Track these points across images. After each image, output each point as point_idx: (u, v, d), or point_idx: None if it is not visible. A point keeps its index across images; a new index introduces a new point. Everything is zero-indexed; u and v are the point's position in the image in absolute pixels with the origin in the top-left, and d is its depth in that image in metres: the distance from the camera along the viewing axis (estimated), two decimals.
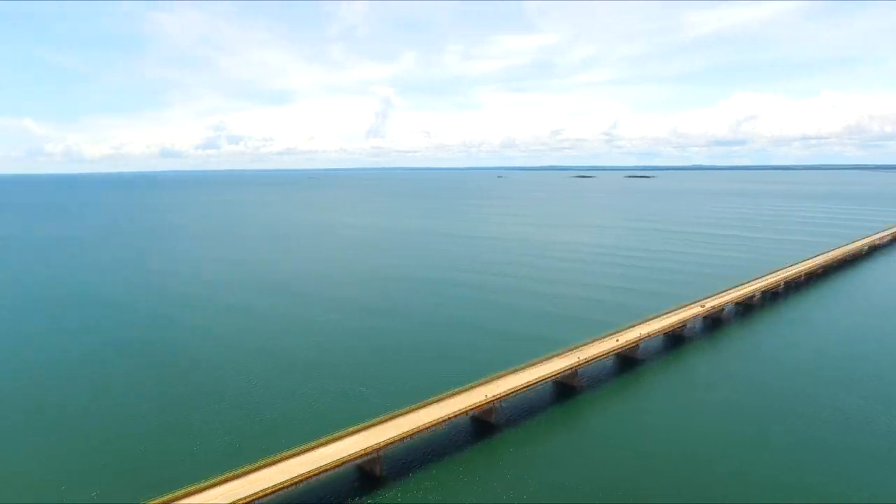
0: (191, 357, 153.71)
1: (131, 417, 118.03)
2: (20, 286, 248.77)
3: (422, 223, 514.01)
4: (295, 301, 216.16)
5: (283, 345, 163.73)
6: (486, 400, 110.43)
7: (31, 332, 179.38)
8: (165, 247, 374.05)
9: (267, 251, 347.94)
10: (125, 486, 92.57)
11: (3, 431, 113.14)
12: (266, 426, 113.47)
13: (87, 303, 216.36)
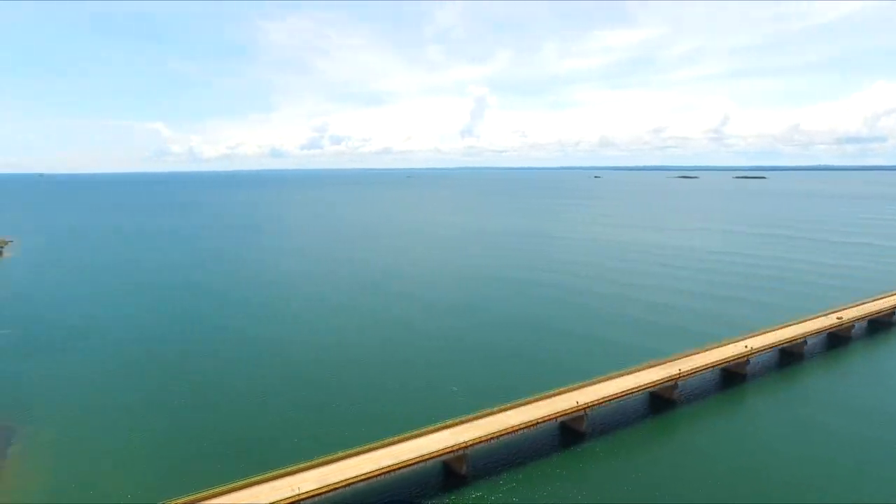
0: (287, 348, 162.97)
1: (233, 400, 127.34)
2: (141, 273, 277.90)
3: (514, 223, 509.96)
4: (388, 298, 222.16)
5: (375, 340, 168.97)
6: (577, 407, 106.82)
7: (135, 315, 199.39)
8: (268, 242, 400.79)
9: (362, 249, 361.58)
10: (224, 465, 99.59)
11: (112, 407, 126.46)
12: (358, 417, 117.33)
13: (191, 291, 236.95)
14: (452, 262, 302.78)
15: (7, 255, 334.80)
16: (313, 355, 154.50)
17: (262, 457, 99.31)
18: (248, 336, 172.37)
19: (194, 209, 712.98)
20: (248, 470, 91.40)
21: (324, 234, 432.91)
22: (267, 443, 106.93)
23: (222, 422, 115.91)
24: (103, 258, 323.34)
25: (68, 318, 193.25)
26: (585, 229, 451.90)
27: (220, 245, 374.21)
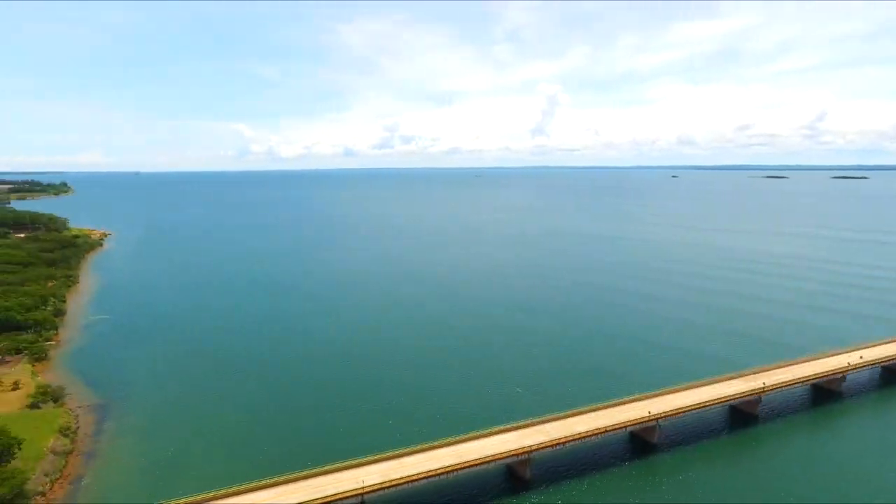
0: (359, 344, 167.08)
1: (306, 393, 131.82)
2: (225, 265, 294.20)
3: (585, 224, 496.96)
4: (454, 297, 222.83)
5: (442, 339, 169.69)
6: (649, 417, 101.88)
7: (218, 305, 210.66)
8: (343, 239, 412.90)
9: (432, 247, 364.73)
10: (293, 455, 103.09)
11: (193, 391, 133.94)
12: (423, 415, 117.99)
13: (272, 285, 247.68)
14: (522, 262, 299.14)
15: (107, 246, 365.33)
16: (383, 352, 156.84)
17: (328, 449, 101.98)
18: (322, 331, 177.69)
19: (275, 206, 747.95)
20: (314, 460, 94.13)
21: (394, 232, 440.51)
22: (334, 435, 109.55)
23: (294, 413, 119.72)
24: (190, 250, 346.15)
25: (158, 306, 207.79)
26: (661, 231, 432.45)
27: (299, 240, 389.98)
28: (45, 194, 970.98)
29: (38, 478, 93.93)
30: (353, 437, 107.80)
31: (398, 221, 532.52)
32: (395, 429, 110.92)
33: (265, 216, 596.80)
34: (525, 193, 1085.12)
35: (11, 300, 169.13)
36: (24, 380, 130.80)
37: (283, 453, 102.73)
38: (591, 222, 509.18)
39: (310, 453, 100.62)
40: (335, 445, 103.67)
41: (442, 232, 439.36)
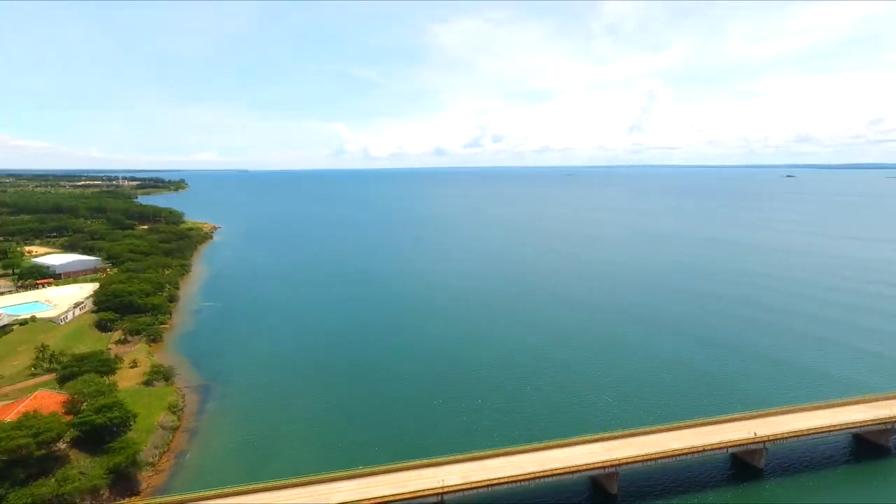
0: (448, 343, 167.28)
1: (394, 388, 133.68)
2: (320, 258, 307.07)
3: (686, 226, 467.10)
4: (545, 299, 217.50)
5: (531, 341, 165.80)
6: (754, 439, 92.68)
7: (315, 297, 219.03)
8: (435, 237, 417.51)
9: (520, 246, 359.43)
10: (378, 448, 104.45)
11: (289, 378, 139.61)
12: (506, 418, 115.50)
13: (367, 279, 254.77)
14: (621, 264, 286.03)
15: (216, 238, 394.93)
16: (475, 351, 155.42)
17: (412, 445, 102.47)
18: (415, 326, 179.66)
19: (370, 202, 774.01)
20: (397, 455, 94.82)
21: (483, 231, 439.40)
22: (418, 432, 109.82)
23: (381, 407, 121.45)
24: (290, 243, 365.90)
25: (259, 295, 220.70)
26: (775, 237, 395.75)
27: (394, 236, 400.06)
28: (166, 190, 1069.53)
29: (149, 450, 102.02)
30: (437, 435, 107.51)
31: (488, 219, 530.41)
32: (478, 430, 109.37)
33: (361, 212, 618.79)
34: (621, 193, 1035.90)
35: (134, 286, 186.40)
36: (141, 359, 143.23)
37: (367, 445, 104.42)
38: (695, 224, 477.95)
39: (393, 448, 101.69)
40: (418, 442, 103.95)
41: (533, 231, 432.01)
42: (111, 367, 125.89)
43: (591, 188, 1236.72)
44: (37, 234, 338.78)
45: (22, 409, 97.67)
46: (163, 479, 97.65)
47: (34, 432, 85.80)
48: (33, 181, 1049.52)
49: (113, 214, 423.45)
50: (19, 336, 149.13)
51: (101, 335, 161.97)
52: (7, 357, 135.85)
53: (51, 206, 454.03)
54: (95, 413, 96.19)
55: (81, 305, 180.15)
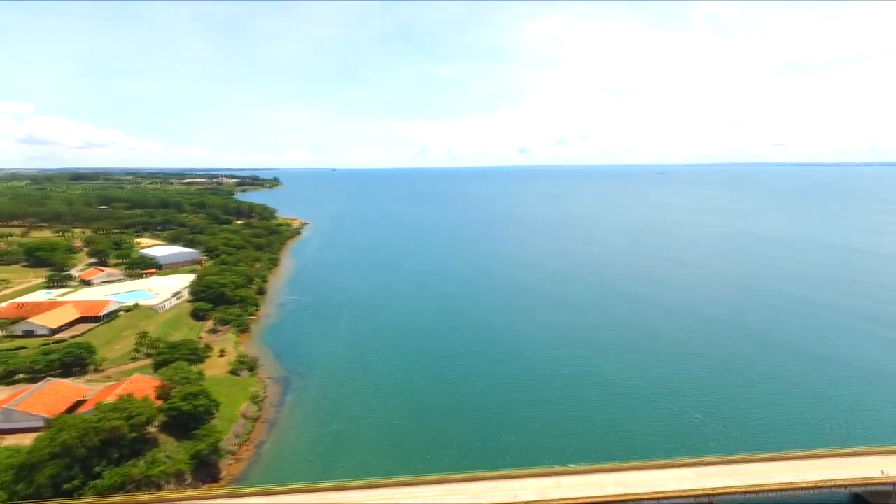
0: (534, 353, 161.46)
1: (473, 395, 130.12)
2: (405, 256, 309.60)
3: (803, 230, 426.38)
4: (636, 306, 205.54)
5: (621, 352, 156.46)
6: (883, 479, 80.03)
7: (400, 295, 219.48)
8: (520, 237, 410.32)
9: (611, 251, 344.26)
10: (452, 455, 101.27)
11: (367, 375, 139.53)
12: (588, 432, 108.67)
13: (452, 280, 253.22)
14: (724, 270, 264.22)
15: (304, 234, 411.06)
16: (557, 360, 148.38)
17: (487, 452, 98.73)
18: (499, 331, 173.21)
19: (454, 201, 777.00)
20: (471, 463, 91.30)
21: (567, 230, 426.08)
22: (493, 439, 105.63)
23: (457, 412, 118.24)
24: (374, 241, 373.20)
25: (343, 291, 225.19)
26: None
27: (479, 236, 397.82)
28: (262, 187, 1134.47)
29: (230, 438, 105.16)
30: (512, 444, 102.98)
31: (574, 219, 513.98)
32: (556, 443, 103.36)
33: (444, 210, 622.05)
34: (722, 193, 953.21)
35: (226, 278, 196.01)
36: (228, 348, 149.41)
37: (439, 450, 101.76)
38: (814, 229, 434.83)
39: (466, 455, 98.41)
40: (492, 451, 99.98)
41: (619, 231, 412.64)
42: (200, 355, 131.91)
43: (685, 187, 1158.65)
44: (146, 227, 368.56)
45: (120, 391, 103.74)
46: (241, 467, 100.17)
47: (127, 415, 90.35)
48: (147, 178, 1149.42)
49: (212, 210, 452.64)
50: (124, 322, 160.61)
51: (195, 324, 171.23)
52: (113, 341, 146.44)
53: (159, 202, 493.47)
54: (182, 400, 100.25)
55: (179, 295, 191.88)
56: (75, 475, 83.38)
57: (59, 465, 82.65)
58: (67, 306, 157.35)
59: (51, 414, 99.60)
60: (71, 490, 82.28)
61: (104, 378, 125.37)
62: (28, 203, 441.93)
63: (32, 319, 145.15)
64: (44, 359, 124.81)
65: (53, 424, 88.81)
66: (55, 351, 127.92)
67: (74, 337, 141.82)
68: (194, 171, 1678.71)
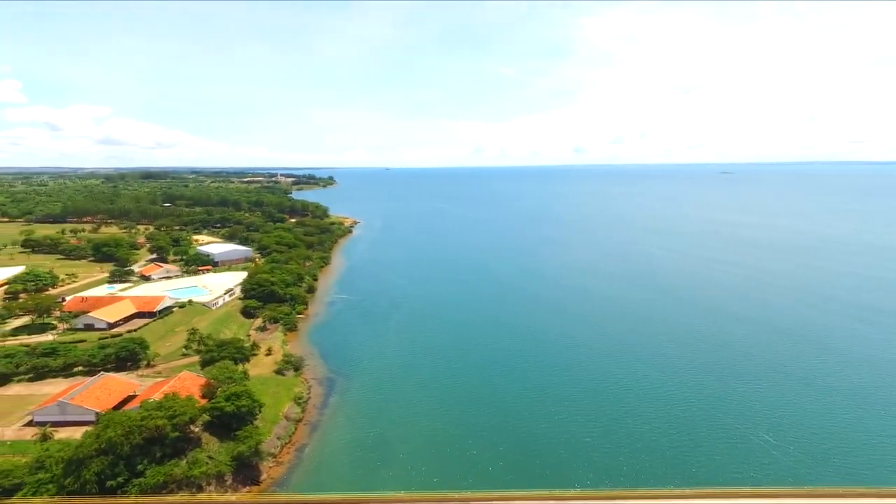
0: (589, 361, 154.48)
1: (530, 409, 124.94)
2: (459, 256, 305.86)
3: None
4: (720, 319, 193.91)
5: (690, 364, 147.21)
6: None
7: (451, 297, 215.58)
8: (584, 240, 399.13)
9: (672, 254, 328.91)
10: (498, 471, 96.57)
11: (413, 380, 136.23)
12: (650, 453, 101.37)
13: (515, 282, 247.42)
14: (803, 279, 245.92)
15: (356, 233, 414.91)
16: (615, 372, 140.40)
17: (535, 470, 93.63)
18: (554, 341, 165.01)
19: (508, 200, 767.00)
20: (517, 482, 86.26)
21: (624, 234, 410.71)
22: (539, 458, 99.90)
23: (504, 425, 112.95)
24: (425, 240, 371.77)
25: (391, 292, 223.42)
26: None
27: (534, 238, 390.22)
28: (317, 186, 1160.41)
29: (272, 440, 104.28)
30: (563, 462, 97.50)
31: (625, 220, 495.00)
32: (611, 461, 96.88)
33: (498, 210, 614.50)
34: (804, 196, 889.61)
35: (276, 276, 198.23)
36: (275, 347, 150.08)
37: (485, 465, 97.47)
38: None
39: (514, 472, 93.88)
40: (542, 466, 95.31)
41: (681, 233, 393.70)
42: (245, 355, 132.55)
43: (753, 188, 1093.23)
44: (205, 224, 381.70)
45: (167, 389, 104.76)
46: (282, 471, 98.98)
47: (171, 414, 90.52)
48: (210, 177, 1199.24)
49: (268, 208, 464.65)
50: (178, 318, 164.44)
51: (245, 321, 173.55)
52: (166, 337, 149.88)
53: (218, 200, 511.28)
54: (226, 400, 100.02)
55: (231, 292, 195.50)
56: (119, 472, 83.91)
57: (105, 462, 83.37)
58: (125, 301, 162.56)
59: (102, 408, 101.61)
60: (115, 487, 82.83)
61: (155, 373, 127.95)
62: (100, 200, 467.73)
63: (93, 313, 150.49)
64: (100, 353, 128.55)
65: (101, 420, 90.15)
66: (111, 345, 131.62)
67: (130, 332, 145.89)
68: (254, 170, 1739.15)
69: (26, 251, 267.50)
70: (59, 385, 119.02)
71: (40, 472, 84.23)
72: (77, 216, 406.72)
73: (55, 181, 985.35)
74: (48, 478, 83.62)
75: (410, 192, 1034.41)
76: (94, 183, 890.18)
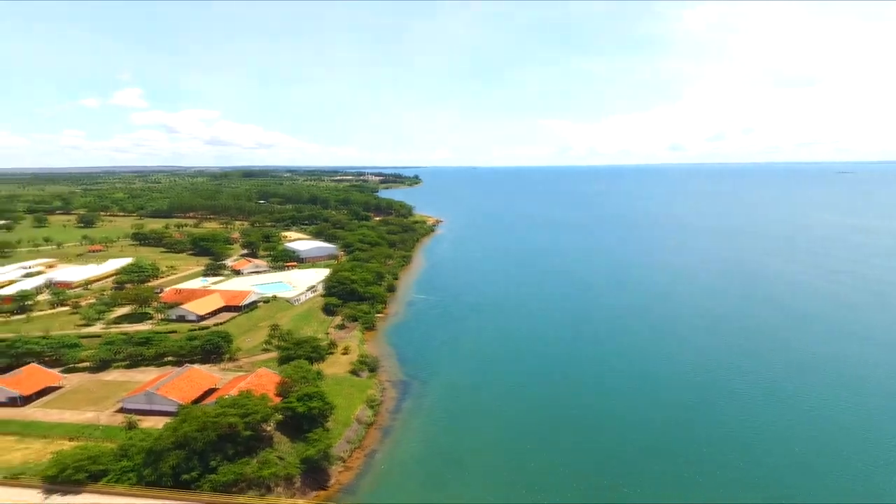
0: (687, 375, 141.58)
1: (612, 419, 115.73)
2: (543, 259, 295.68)
3: None
4: (831, 335, 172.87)
5: (801, 384, 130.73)
6: None
7: (530, 301, 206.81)
8: (687, 246, 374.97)
9: (780, 262, 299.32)
10: (576, 484, 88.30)
11: (494, 385, 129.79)
12: (752, 472, 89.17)
13: (592, 287, 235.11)
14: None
15: (439, 232, 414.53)
16: (715, 395, 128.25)
17: (618, 494, 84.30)
18: (648, 351, 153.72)
19: (599, 201, 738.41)
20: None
21: (723, 239, 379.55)
22: (628, 481, 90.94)
23: (589, 444, 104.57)
24: (508, 241, 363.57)
25: (472, 293, 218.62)
26: None
27: (623, 239, 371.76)
28: (403, 185, 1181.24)
29: (342, 444, 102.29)
30: (653, 485, 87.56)
31: (738, 225, 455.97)
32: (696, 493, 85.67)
33: (585, 211, 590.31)
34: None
35: (357, 274, 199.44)
36: (352, 346, 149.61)
37: (563, 485, 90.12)
38: None
39: (596, 492, 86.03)
40: (626, 487, 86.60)
41: (788, 238, 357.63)
42: (321, 354, 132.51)
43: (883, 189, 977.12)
44: (294, 221, 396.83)
45: (244, 385, 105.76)
46: (351, 476, 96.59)
47: (244, 412, 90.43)
48: (303, 176, 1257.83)
49: (354, 206, 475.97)
50: (262, 313, 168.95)
51: (325, 318, 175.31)
52: (249, 331, 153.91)
53: (309, 198, 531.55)
54: (298, 401, 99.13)
55: (314, 289, 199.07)
56: (193, 467, 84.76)
57: (180, 456, 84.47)
58: (215, 295, 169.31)
59: (184, 400, 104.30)
60: (189, 481, 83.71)
61: (236, 367, 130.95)
62: (202, 197, 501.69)
63: (185, 305, 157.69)
64: (188, 344, 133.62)
65: (180, 413, 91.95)
66: (198, 337, 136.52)
67: (217, 325, 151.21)
68: (345, 169, 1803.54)
69: (136, 244, 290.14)
70: (150, 373, 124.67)
71: (124, 461, 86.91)
72: (182, 212, 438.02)
73: (168, 179, 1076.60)
74: (130, 466, 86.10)
75: (495, 191, 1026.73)
76: (200, 181, 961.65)
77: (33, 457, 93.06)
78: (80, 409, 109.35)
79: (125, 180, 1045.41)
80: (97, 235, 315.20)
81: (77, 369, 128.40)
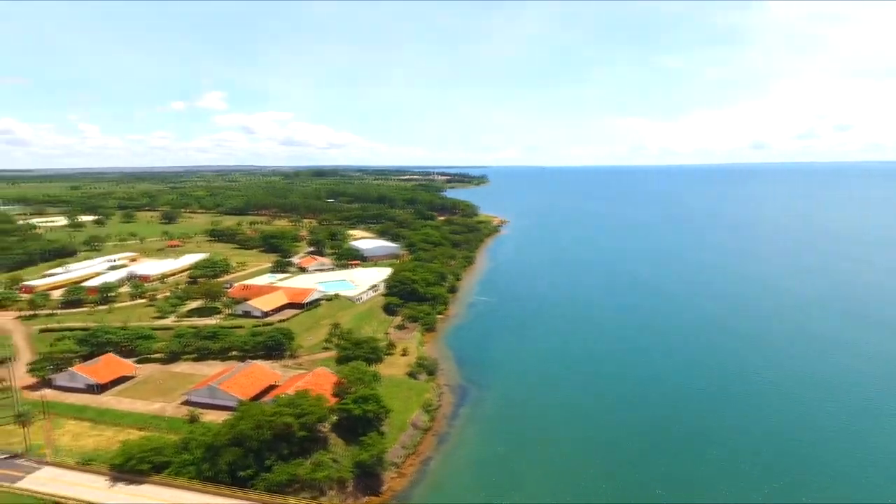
0: (758, 382, 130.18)
1: (671, 424, 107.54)
2: (611, 262, 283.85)
3: None
4: None
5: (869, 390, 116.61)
6: None
7: (597, 304, 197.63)
8: (767, 250, 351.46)
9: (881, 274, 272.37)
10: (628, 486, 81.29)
11: (553, 392, 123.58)
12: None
13: (660, 292, 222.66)
14: None
15: (503, 232, 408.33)
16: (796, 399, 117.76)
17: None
18: (713, 363, 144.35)
19: (675, 202, 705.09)
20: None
21: (836, 247, 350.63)
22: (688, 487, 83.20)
23: (657, 458, 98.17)
24: (576, 244, 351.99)
25: (535, 296, 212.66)
26: None
27: (698, 244, 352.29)
28: (470, 185, 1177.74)
29: (396, 449, 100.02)
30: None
31: (836, 232, 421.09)
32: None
33: (658, 212, 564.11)
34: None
35: (418, 274, 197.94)
36: (411, 347, 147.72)
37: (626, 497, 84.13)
38: None
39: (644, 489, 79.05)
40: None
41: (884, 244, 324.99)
42: (379, 355, 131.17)
43: None
44: (361, 220, 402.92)
45: (302, 384, 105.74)
46: (404, 483, 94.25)
47: (299, 412, 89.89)
48: (372, 175, 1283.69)
49: (419, 206, 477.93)
50: (325, 310, 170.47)
51: (386, 318, 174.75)
52: (311, 329, 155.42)
53: (376, 197, 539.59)
54: (353, 403, 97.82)
55: (376, 288, 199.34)
56: (249, 464, 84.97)
57: (237, 453, 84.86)
58: (279, 292, 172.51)
59: (244, 396, 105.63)
60: (245, 479, 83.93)
61: (296, 364, 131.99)
62: (275, 195, 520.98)
63: (250, 301, 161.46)
64: (252, 340, 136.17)
65: (238, 410, 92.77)
66: (262, 334, 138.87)
67: (280, 321, 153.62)
68: (412, 169, 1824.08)
69: (211, 240, 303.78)
70: (215, 367, 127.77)
71: (184, 454, 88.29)
72: (256, 209, 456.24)
73: (245, 178, 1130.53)
74: (190, 459, 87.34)
75: (563, 192, 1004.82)
76: (274, 179, 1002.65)
77: (104, 444, 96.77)
78: (150, 400, 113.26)
79: (206, 179, 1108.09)
80: (176, 231, 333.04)
81: (149, 360, 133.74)
